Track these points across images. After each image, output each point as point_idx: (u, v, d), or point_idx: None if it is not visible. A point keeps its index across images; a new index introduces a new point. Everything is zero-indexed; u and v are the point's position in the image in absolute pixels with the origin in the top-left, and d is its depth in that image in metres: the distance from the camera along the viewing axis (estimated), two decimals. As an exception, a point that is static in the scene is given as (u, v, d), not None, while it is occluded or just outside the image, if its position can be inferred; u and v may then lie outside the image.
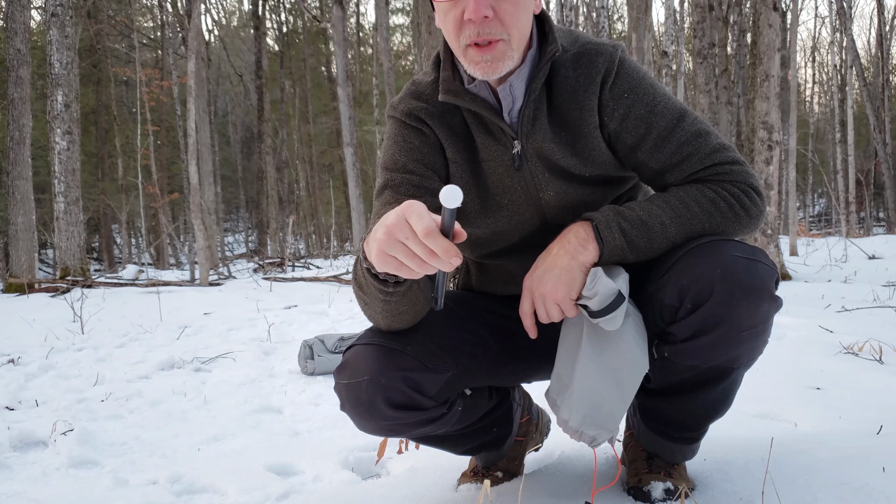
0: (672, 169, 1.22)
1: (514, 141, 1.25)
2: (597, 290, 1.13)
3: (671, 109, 1.22)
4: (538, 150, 1.24)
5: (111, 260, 21.51)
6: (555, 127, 1.24)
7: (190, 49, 9.59)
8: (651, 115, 1.22)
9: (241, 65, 27.00)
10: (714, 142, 1.22)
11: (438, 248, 0.88)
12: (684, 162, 1.21)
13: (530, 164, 1.26)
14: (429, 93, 1.30)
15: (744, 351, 1.19)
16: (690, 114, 1.24)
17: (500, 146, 1.26)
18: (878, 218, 27.02)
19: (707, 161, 1.20)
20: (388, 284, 1.08)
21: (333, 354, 3.31)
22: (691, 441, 1.34)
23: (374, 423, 1.20)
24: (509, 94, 1.22)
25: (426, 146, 1.28)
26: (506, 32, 1.14)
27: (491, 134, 1.26)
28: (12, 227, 9.22)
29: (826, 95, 28.99)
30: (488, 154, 1.27)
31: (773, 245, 6.69)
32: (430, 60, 1.32)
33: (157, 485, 1.91)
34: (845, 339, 3.01)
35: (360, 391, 1.17)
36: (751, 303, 1.12)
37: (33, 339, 4.51)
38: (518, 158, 1.25)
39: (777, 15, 6.39)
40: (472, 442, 1.43)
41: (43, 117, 13.52)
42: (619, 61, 1.23)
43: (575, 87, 1.22)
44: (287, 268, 11.49)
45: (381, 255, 0.95)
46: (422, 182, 1.26)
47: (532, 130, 1.24)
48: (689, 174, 1.21)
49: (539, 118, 1.24)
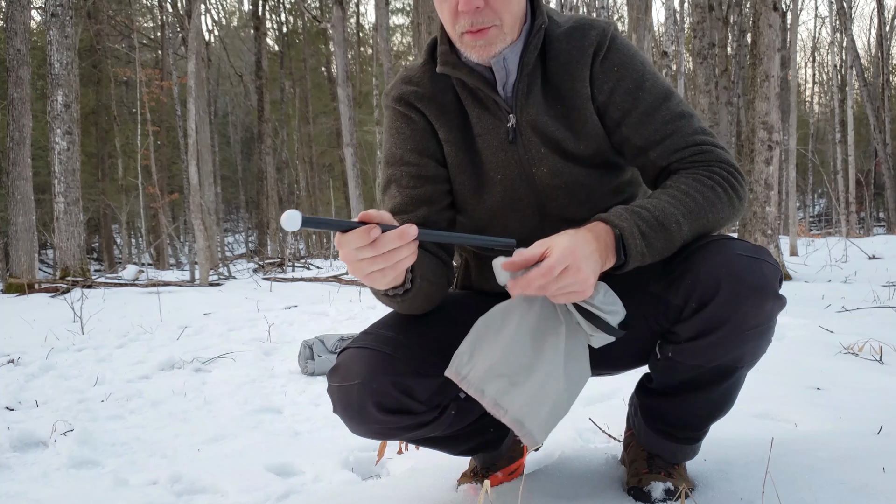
0: (655, 146, 1.22)
1: (508, 114, 1.26)
2: (617, 308, 1.13)
3: (658, 88, 1.24)
4: (532, 122, 1.25)
5: (111, 260, 21.51)
6: (549, 100, 1.25)
7: (190, 49, 9.59)
8: (638, 90, 1.23)
9: (241, 65, 27.00)
10: (696, 124, 1.24)
11: (392, 237, 0.94)
12: (667, 139, 1.22)
13: (524, 138, 1.26)
14: (419, 76, 1.32)
15: (748, 350, 1.19)
16: (676, 95, 1.25)
17: (494, 119, 1.27)
18: (878, 218, 27.02)
19: (690, 140, 1.21)
20: (396, 297, 1.13)
21: (333, 355, 3.31)
22: (692, 441, 1.34)
23: (364, 427, 1.21)
24: (503, 68, 1.24)
25: (417, 133, 1.30)
26: (498, 18, 1.17)
27: (485, 107, 1.27)
28: (12, 228, 9.23)
29: (826, 95, 29.00)
30: (483, 128, 1.28)
31: (773, 245, 6.69)
32: (425, 46, 1.34)
33: (157, 485, 1.91)
34: (845, 340, 3.01)
35: (350, 395, 1.17)
36: (756, 301, 1.12)
37: (33, 339, 4.51)
38: (512, 132, 1.26)
39: (777, 15, 6.39)
40: (469, 443, 1.43)
41: (43, 118, 13.52)
42: (611, 36, 1.24)
43: (568, 59, 1.24)
44: (287, 268, 11.49)
45: (363, 279, 1.01)
46: (419, 171, 1.28)
47: (526, 103, 1.25)
48: (672, 151, 1.22)
49: (533, 91, 1.25)
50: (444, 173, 1.31)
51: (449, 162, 1.31)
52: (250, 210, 29.85)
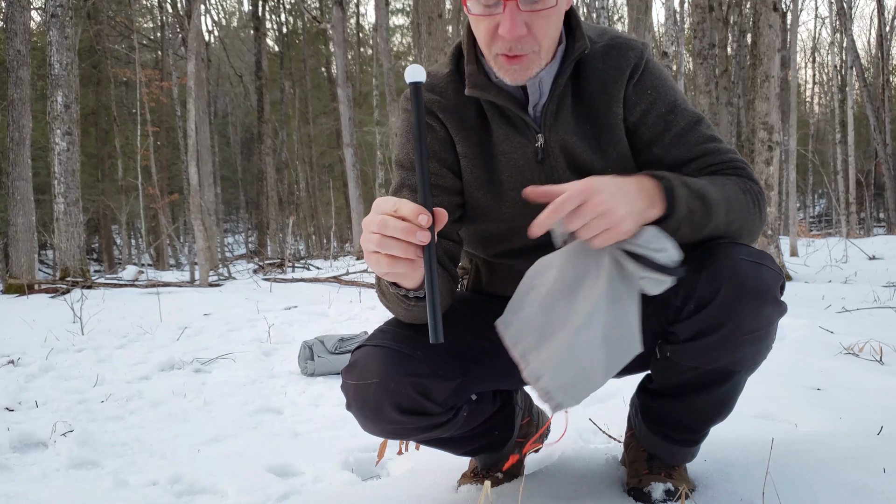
0: (688, 163, 1.23)
1: (537, 134, 1.24)
2: (666, 245, 1.06)
3: (690, 113, 1.25)
4: (561, 143, 1.24)
5: (111, 261, 21.51)
6: (580, 119, 1.24)
7: (190, 50, 9.59)
8: (671, 114, 1.23)
9: (240, 66, 26.99)
10: (728, 147, 1.25)
11: (426, 218, 0.91)
12: (701, 158, 1.22)
13: (552, 159, 1.25)
14: (443, 85, 1.28)
15: (746, 355, 1.19)
16: (706, 120, 1.26)
17: (522, 139, 1.25)
18: (878, 218, 27.03)
19: (724, 158, 1.23)
20: (408, 299, 1.11)
21: (333, 355, 3.30)
22: (691, 444, 1.34)
23: (379, 426, 1.20)
24: (538, 90, 1.22)
25: (437, 142, 1.28)
26: (537, 44, 1.14)
27: (514, 126, 1.25)
28: (12, 228, 9.23)
29: (826, 96, 29.00)
30: (510, 147, 1.26)
31: (773, 246, 6.69)
32: (449, 52, 1.31)
33: (157, 486, 1.91)
34: (846, 340, 3.01)
35: (368, 393, 1.16)
36: (754, 306, 1.12)
37: (33, 339, 4.51)
38: (541, 151, 1.25)
39: (777, 15, 6.39)
40: (474, 444, 1.43)
41: (43, 118, 13.52)
42: (646, 58, 1.24)
43: (605, 78, 1.23)
44: (287, 269, 11.49)
45: (368, 256, 0.97)
46: (435, 181, 1.27)
47: (555, 123, 1.24)
48: (705, 166, 1.22)
49: (563, 111, 1.24)
50: (459, 185, 1.29)
51: (465, 177, 1.29)
52: (250, 210, 29.85)
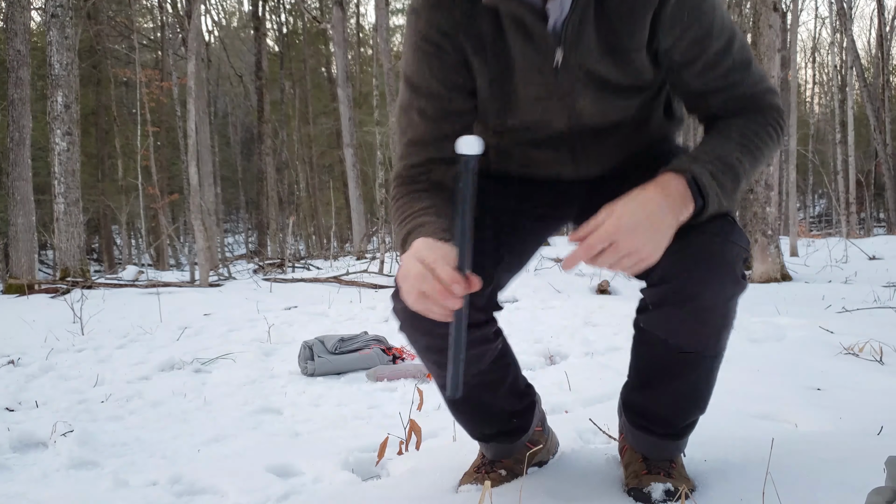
0: (715, 93, 1.24)
1: (556, 49, 1.20)
2: None
3: (725, 32, 1.21)
4: (580, 59, 1.21)
5: (111, 261, 21.51)
6: (601, 37, 1.20)
7: (190, 50, 9.59)
8: (707, 37, 1.20)
9: (241, 66, 26.99)
10: (756, 72, 1.25)
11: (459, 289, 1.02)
12: (728, 89, 1.23)
13: (570, 73, 1.22)
14: None
15: (708, 332, 1.21)
16: (739, 37, 1.24)
17: (539, 55, 1.21)
18: (878, 219, 27.04)
19: (750, 90, 1.24)
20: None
21: (333, 355, 3.30)
22: (674, 437, 1.35)
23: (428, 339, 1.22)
24: (559, 6, 1.17)
25: (448, 65, 1.24)
26: None
27: (531, 40, 1.20)
28: (12, 228, 9.23)
29: (826, 96, 29.01)
30: (526, 62, 1.22)
31: (773, 246, 6.69)
32: None
33: (157, 486, 1.90)
34: (846, 340, 3.01)
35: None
36: (714, 281, 1.14)
37: (33, 339, 4.51)
38: (558, 67, 1.22)
39: (777, 16, 6.40)
40: (492, 427, 1.43)
41: (43, 118, 13.52)
42: None
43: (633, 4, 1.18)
44: (287, 269, 11.48)
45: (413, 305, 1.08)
46: (447, 105, 1.26)
47: (577, 40, 1.19)
48: (728, 100, 1.24)
49: (585, 27, 1.19)
50: (472, 105, 1.29)
51: (480, 94, 1.28)
52: (250, 211, 29.86)
